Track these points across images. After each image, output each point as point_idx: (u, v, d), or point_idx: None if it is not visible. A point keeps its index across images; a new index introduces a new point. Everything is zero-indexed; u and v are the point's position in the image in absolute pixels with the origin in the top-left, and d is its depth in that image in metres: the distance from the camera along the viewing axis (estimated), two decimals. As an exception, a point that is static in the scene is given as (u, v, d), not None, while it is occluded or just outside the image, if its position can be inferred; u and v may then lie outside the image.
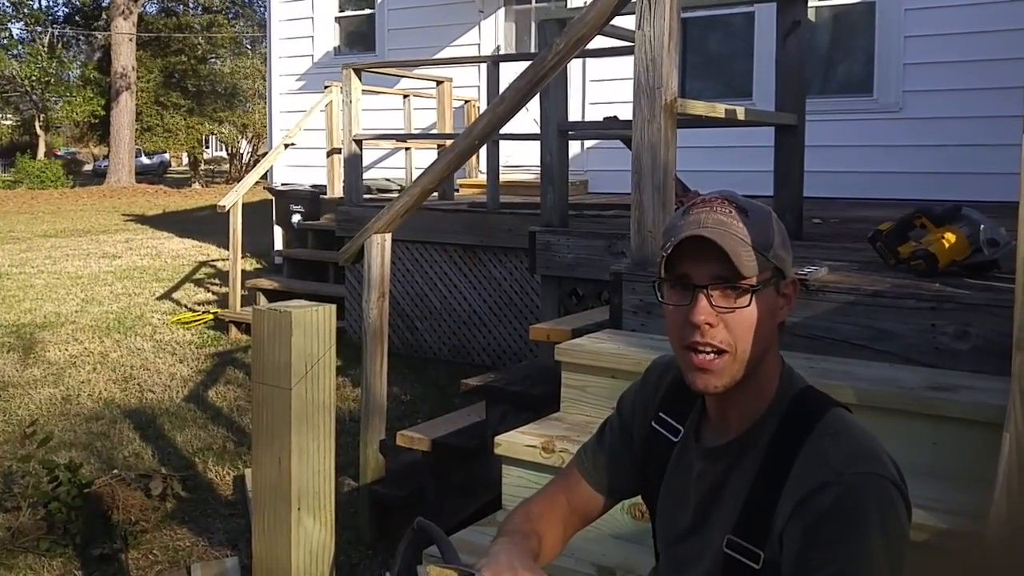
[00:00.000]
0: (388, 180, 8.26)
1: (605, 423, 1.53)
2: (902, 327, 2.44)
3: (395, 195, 5.82)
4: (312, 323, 2.34)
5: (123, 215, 17.01)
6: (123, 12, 26.15)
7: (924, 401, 2.11)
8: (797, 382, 1.29)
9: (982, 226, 2.66)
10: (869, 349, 2.47)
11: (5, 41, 29.51)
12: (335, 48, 9.75)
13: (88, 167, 35.77)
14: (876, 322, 2.48)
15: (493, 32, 8.57)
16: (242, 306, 6.91)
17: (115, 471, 3.66)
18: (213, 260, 10.45)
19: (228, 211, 6.91)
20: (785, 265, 1.24)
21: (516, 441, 2.45)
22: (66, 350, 6.15)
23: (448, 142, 5.80)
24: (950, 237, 2.69)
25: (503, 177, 5.97)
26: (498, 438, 2.50)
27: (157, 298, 8.15)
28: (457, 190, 7.30)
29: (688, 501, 1.31)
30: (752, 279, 1.19)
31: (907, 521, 1.15)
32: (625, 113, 3.27)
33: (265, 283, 7.25)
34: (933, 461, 2.08)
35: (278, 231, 8.77)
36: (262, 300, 6.98)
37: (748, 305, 1.20)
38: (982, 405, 2.04)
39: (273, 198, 8.93)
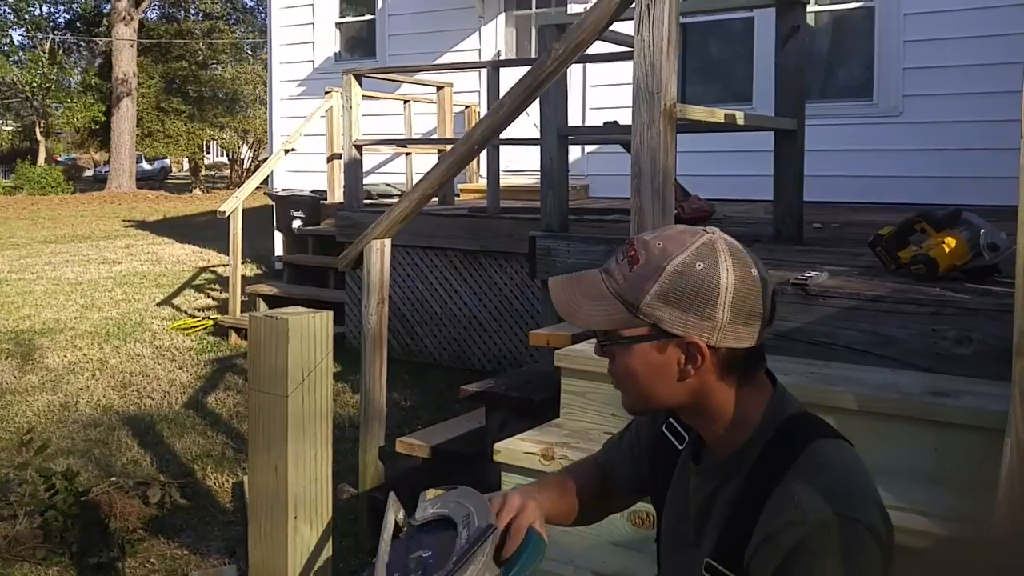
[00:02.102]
0: (388, 185, 8.26)
1: (632, 422, 1.52)
2: (903, 332, 2.43)
3: (395, 200, 5.81)
4: (309, 330, 2.33)
5: (123, 221, 17.02)
6: (124, 18, 26.20)
7: (925, 407, 2.10)
8: (788, 407, 1.23)
9: (982, 230, 2.65)
10: (870, 354, 2.46)
11: (6, 47, 29.61)
12: (336, 54, 9.75)
13: (89, 173, 35.82)
14: (877, 327, 2.47)
15: (493, 37, 8.57)
16: (242, 312, 6.89)
17: (113, 479, 3.65)
18: (213, 266, 10.44)
19: (228, 217, 6.91)
20: (673, 325, 1.15)
21: (516, 448, 2.43)
22: (65, 356, 6.13)
23: (448, 147, 5.80)
24: (950, 242, 2.68)
25: (503, 182, 5.96)
26: (497, 445, 2.49)
27: (157, 304, 8.14)
28: (457, 195, 7.30)
29: (688, 512, 1.31)
30: (609, 331, 1.20)
31: (880, 566, 1.10)
32: (625, 118, 3.26)
33: (265, 289, 7.24)
34: (935, 467, 2.07)
35: (278, 236, 8.77)
36: (262, 306, 6.96)
37: (611, 356, 1.22)
38: (983, 410, 2.03)
39: (273, 203, 8.93)
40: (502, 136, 4.40)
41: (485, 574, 1.17)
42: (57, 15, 32.49)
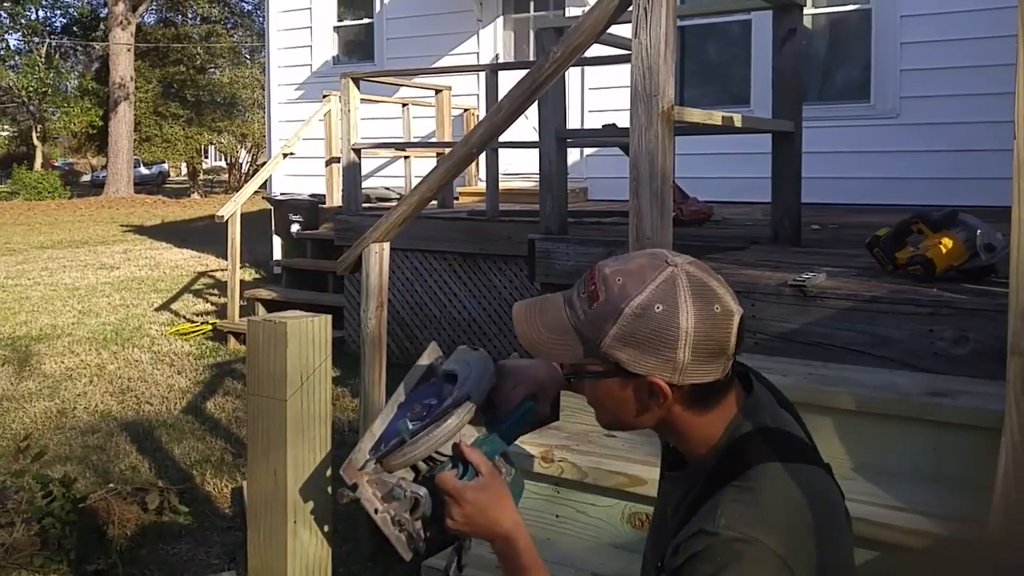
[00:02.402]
0: (387, 189, 8.26)
1: None
2: (900, 332, 2.43)
3: (394, 204, 5.81)
4: (308, 334, 2.33)
5: (121, 226, 17.01)
6: (121, 23, 26.20)
7: (923, 407, 2.10)
8: (750, 423, 1.22)
9: (979, 231, 2.66)
10: (867, 355, 2.46)
11: (2, 52, 29.56)
12: (334, 57, 9.76)
13: (86, 178, 35.80)
14: (874, 328, 2.47)
15: (492, 41, 8.58)
16: (241, 316, 6.89)
17: (111, 485, 3.64)
18: (212, 270, 10.44)
19: (227, 221, 6.91)
20: (633, 366, 1.15)
21: (515, 451, 2.43)
22: (62, 362, 6.13)
23: (447, 150, 5.80)
24: (947, 242, 2.68)
25: (502, 185, 5.97)
26: (496, 448, 2.48)
27: (155, 309, 8.13)
28: (456, 198, 7.31)
29: (665, 516, 1.33)
30: (574, 364, 1.21)
31: None
32: (623, 120, 3.26)
33: (264, 293, 7.24)
34: (932, 467, 2.07)
35: (277, 241, 8.77)
36: (261, 310, 6.96)
37: (573, 385, 1.25)
38: (981, 410, 2.03)
39: (272, 208, 8.93)
40: (501, 139, 4.41)
41: (457, 435, 1.26)
42: (54, 19, 32.58)
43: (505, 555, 1.27)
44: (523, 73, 3.05)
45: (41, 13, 31.67)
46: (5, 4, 29.39)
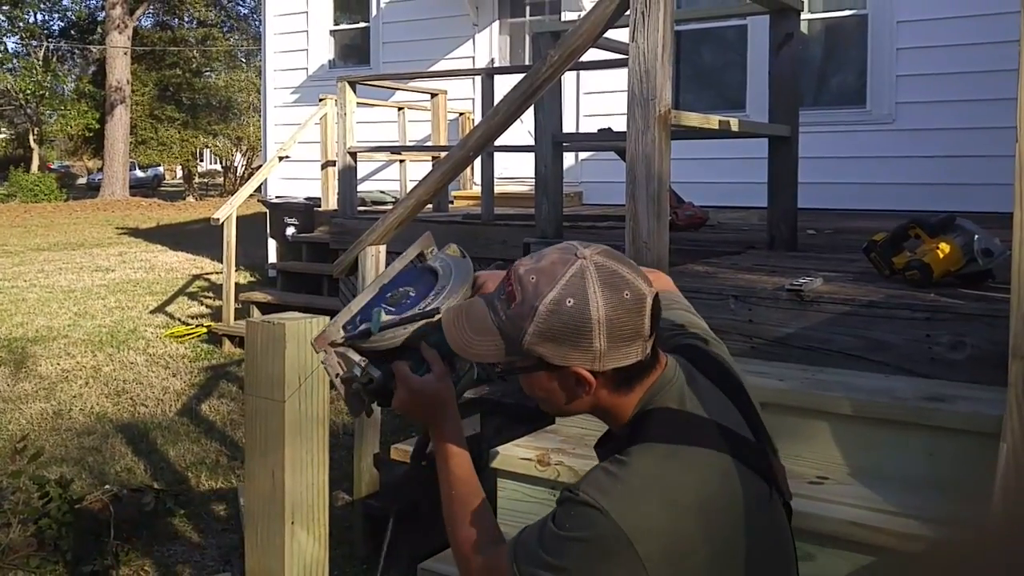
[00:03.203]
0: (383, 192, 8.26)
1: None
2: (897, 337, 2.44)
3: (389, 207, 5.80)
4: (306, 335, 2.33)
5: (117, 228, 16.98)
6: (118, 26, 26.19)
7: (920, 412, 2.10)
8: (648, 406, 1.27)
9: (976, 236, 2.67)
10: (864, 359, 2.47)
11: (0, 55, 29.52)
12: (330, 61, 9.76)
13: (82, 180, 35.74)
14: (871, 332, 2.48)
15: (488, 45, 8.59)
16: (236, 319, 6.88)
17: (107, 486, 3.63)
18: (207, 273, 10.43)
19: (222, 224, 6.90)
20: (555, 359, 1.21)
21: (511, 454, 2.43)
22: (58, 364, 6.11)
23: (443, 154, 5.80)
24: (944, 247, 2.69)
25: (498, 189, 5.97)
26: (493, 450, 2.48)
27: (150, 312, 8.12)
28: (452, 202, 7.30)
29: None
30: (503, 362, 1.27)
31: (599, 565, 1.15)
32: (619, 125, 3.27)
33: (259, 296, 7.23)
34: (929, 472, 2.07)
35: (272, 244, 8.75)
36: (256, 313, 6.95)
37: (506, 380, 1.31)
38: (978, 415, 2.03)
39: (267, 211, 8.92)
40: (497, 143, 4.41)
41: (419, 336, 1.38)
42: (51, 23, 32.53)
43: (437, 452, 1.40)
44: (519, 77, 3.05)
45: (39, 16, 31.68)
46: (4, 7, 29.37)
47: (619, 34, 3.05)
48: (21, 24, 30.37)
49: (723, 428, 1.27)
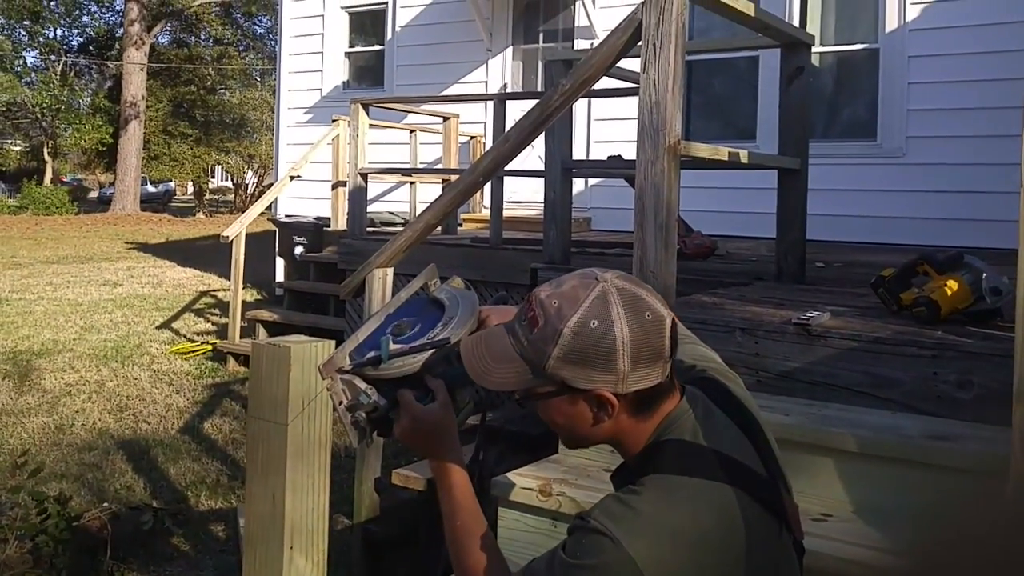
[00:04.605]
0: (392, 214, 8.28)
1: None
2: (903, 374, 2.42)
3: (398, 228, 5.81)
4: (311, 358, 2.32)
5: (126, 243, 17.05)
6: (136, 42, 26.45)
7: (926, 450, 2.08)
8: (662, 436, 1.27)
9: (984, 274, 2.65)
10: (870, 396, 2.45)
11: (19, 69, 29.83)
12: (344, 82, 9.83)
13: (94, 194, 35.96)
14: (877, 369, 2.46)
15: (501, 70, 8.64)
16: (241, 337, 6.89)
17: (105, 504, 3.62)
18: (214, 290, 10.45)
19: (231, 241, 6.92)
20: (578, 382, 1.22)
21: (513, 483, 2.41)
22: (62, 378, 6.12)
23: (453, 177, 5.82)
24: (952, 285, 2.67)
25: (506, 212, 5.98)
26: (495, 479, 2.46)
27: (156, 327, 8.13)
28: (460, 224, 7.32)
29: None
30: (523, 389, 1.26)
31: None
32: (629, 151, 3.28)
33: (265, 315, 7.24)
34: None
35: (280, 262, 8.78)
36: (261, 332, 6.96)
37: (524, 408, 1.32)
38: (984, 455, 2.01)
39: (276, 229, 8.95)
40: (506, 168, 4.43)
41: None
42: (71, 38, 32.84)
43: (439, 482, 1.39)
44: (530, 103, 3.07)
45: (59, 32, 32.02)
46: (25, 22, 29.72)
47: (631, 63, 3.07)
48: (41, 39, 30.72)
49: (735, 463, 1.27)
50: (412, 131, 7.85)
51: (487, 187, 5.99)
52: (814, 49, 5.00)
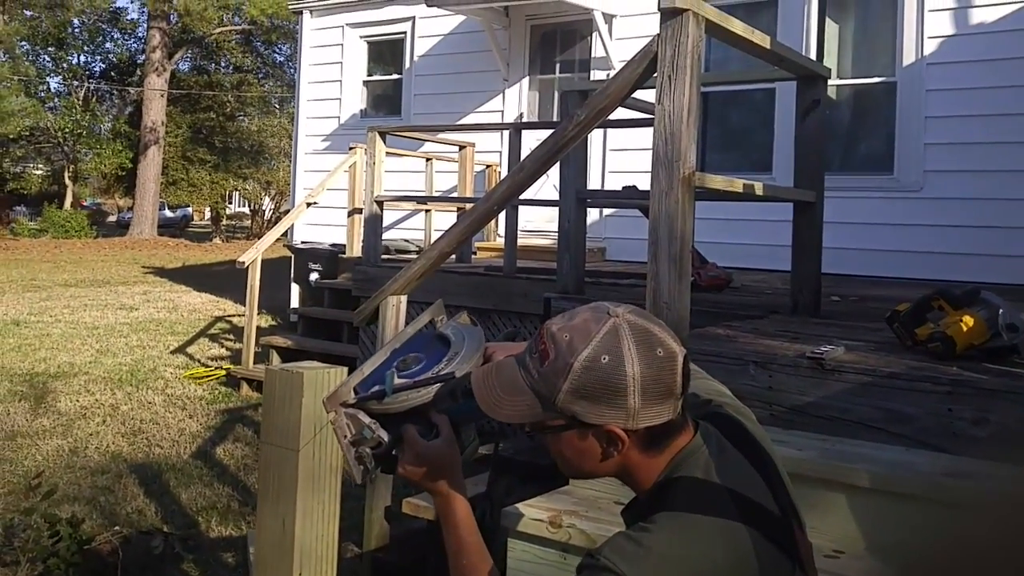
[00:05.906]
0: (407, 241, 8.32)
1: None
2: (918, 410, 2.40)
3: (413, 255, 5.84)
4: (323, 385, 2.33)
5: (143, 267, 17.18)
6: (157, 69, 26.84)
7: (940, 487, 2.06)
8: (674, 473, 1.26)
9: (1001, 310, 2.64)
10: (884, 431, 2.43)
11: (43, 94, 30.30)
12: (361, 110, 9.92)
13: (112, 218, 36.31)
14: (892, 404, 2.44)
15: (517, 100, 8.70)
16: (255, 363, 6.91)
17: (116, 528, 3.62)
18: (229, 315, 10.50)
19: (247, 267, 6.96)
20: (589, 417, 1.21)
21: (523, 514, 2.40)
22: (77, 401, 6.15)
23: (468, 205, 5.85)
24: (968, 320, 2.66)
25: (521, 241, 5.99)
26: (504, 510, 2.45)
27: (171, 352, 8.17)
28: (475, 253, 7.34)
29: None
30: (532, 422, 1.26)
31: None
32: (644, 182, 3.29)
33: (279, 341, 7.26)
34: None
35: (295, 288, 8.82)
36: (275, 358, 6.97)
37: (534, 440, 1.29)
38: (1002, 494, 1.99)
39: (292, 255, 9.00)
40: (521, 196, 4.45)
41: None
42: (93, 64, 33.34)
43: (444, 518, 1.39)
44: (546, 133, 3.09)
45: (82, 58, 32.53)
46: (49, 48, 30.22)
47: (647, 94, 3.08)
48: (64, 65, 31.21)
49: (748, 501, 1.26)
50: (428, 159, 7.91)
51: (502, 216, 6.01)
52: (831, 82, 5.02)
